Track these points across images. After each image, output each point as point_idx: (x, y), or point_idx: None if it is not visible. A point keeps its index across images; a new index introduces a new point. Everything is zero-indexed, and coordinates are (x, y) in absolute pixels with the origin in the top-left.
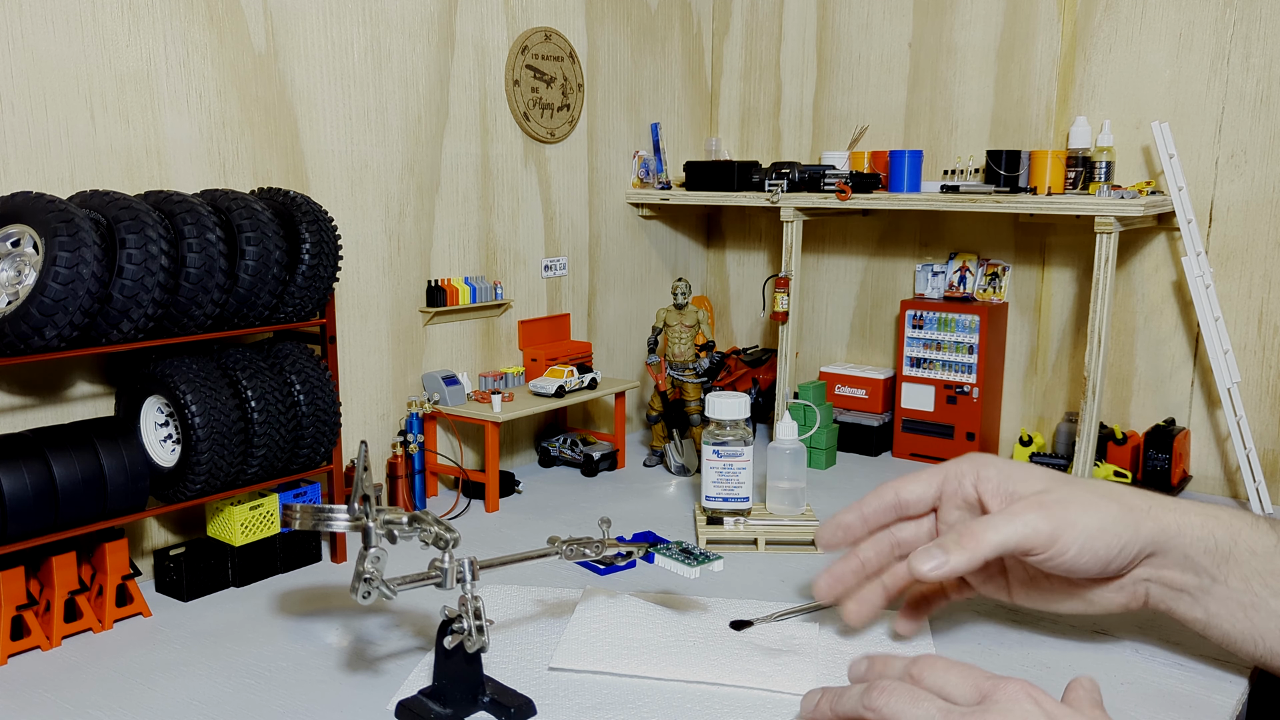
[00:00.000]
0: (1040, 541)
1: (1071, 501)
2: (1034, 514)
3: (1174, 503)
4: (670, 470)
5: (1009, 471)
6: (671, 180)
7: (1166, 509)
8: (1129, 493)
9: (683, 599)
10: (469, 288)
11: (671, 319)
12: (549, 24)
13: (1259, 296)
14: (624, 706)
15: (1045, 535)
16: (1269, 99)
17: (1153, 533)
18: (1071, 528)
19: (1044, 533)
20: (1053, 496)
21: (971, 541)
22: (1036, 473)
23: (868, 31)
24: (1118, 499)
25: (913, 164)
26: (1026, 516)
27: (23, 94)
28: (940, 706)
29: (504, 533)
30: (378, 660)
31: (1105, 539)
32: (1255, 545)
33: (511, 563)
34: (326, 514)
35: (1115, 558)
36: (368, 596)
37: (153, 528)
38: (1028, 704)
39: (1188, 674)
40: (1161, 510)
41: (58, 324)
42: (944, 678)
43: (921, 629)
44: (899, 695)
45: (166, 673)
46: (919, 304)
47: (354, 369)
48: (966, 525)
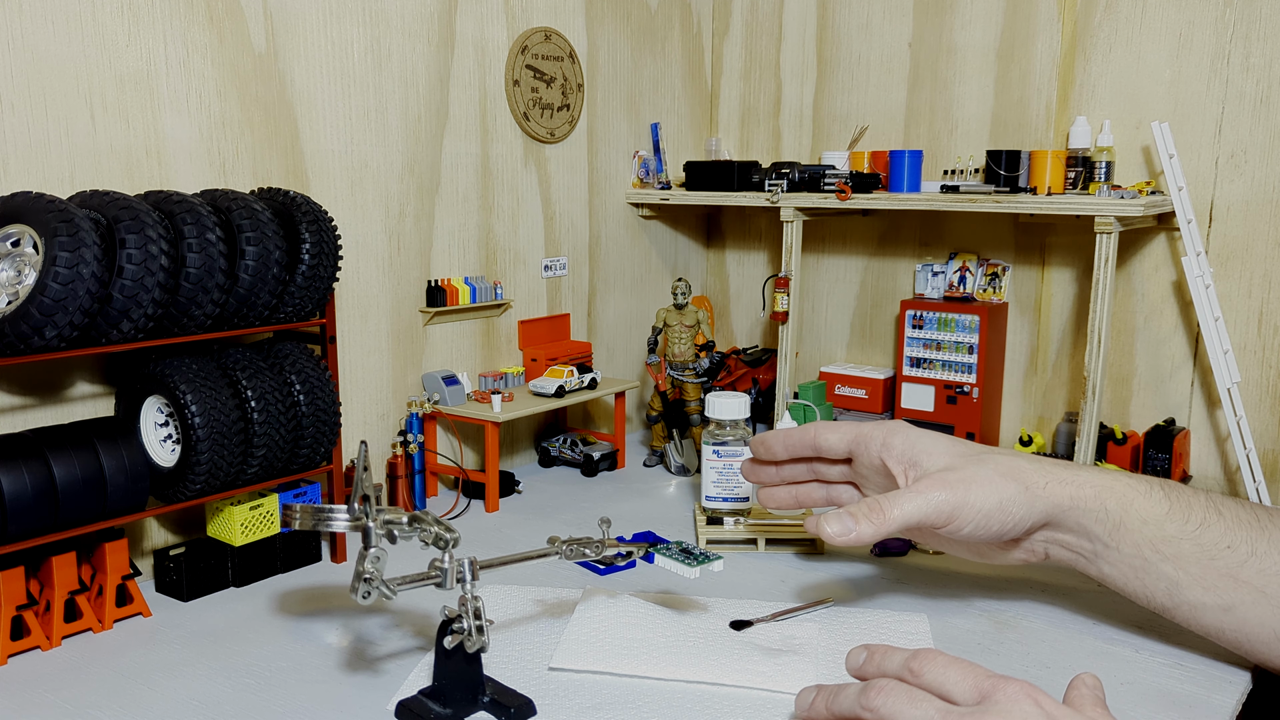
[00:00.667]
0: (940, 519)
1: (973, 481)
2: (937, 492)
3: (1071, 475)
4: (670, 470)
5: (914, 442)
6: (671, 180)
7: (1062, 483)
8: (1029, 470)
9: (683, 599)
10: (469, 288)
11: (671, 319)
12: (549, 24)
13: (1259, 296)
14: (624, 706)
15: (945, 514)
16: (1269, 99)
17: (1046, 507)
18: (969, 508)
19: (944, 511)
20: (956, 475)
21: (879, 516)
22: (941, 446)
23: (868, 31)
24: (1017, 477)
25: (913, 164)
26: (930, 494)
27: (23, 94)
28: (939, 707)
29: (504, 533)
30: (378, 660)
31: (999, 517)
32: (1147, 514)
33: (511, 563)
34: (326, 514)
35: (1009, 530)
36: (368, 596)
37: (153, 528)
38: (1028, 705)
39: (1188, 673)
40: (1057, 485)
41: (58, 324)
42: (943, 675)
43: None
44: (897, 695)
45: (166, 673)
46: (919, 304)
47: (354, 369)
48: (876, 499)
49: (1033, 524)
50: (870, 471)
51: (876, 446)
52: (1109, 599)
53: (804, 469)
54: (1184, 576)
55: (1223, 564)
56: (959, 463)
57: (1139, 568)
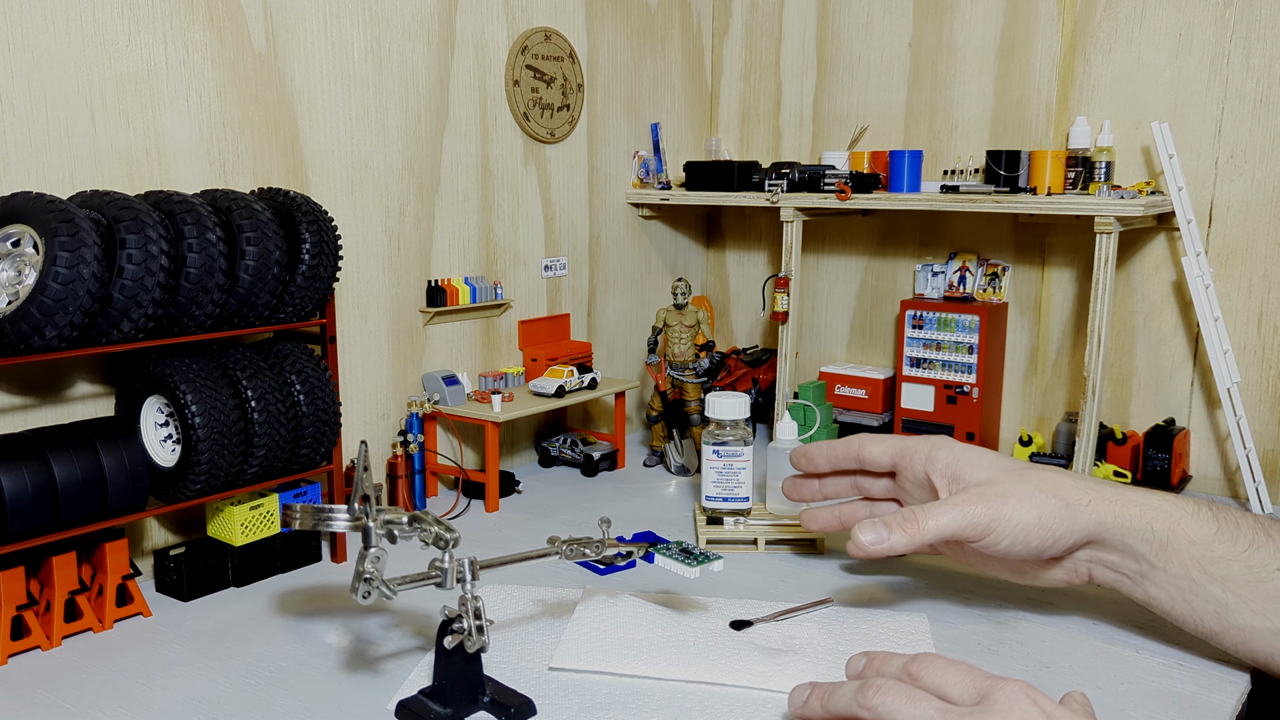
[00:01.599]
0: (976, 532)
1: (1012, 495)
2: (974, 505)
3: (1116, 494)
4: (670, 470)
5: (959, 455)
6: (671, 180)
7: (1107, 501)
8: (1072, 486)
9: (683, 599)
10: (469, 288)
11: (671, 319)
12: (549, 24)
13: (1259, 296)
14: (624, 706)
15: (981, 527)
16: (1269, 99)
17: (1089, 525)
18: (1006, 521)
19: (980, 524)
20: (995, 490)
21: (913, 526)
22: (986, 460)
23: (868, 31)
24: (1058, 493)
25: (913, 164)
26: (966, 508)
27: (23, 94)
28: (938, 706)
29: (504, 533)
30: (378, 660)
31: (1039, 532)
32: (1194, 534)
33: (511, 563)
34: (326, 514)
35: (1049, 547)
36: (368, 596)
37: (153, 528)
38: (1026, 705)
39: (1188, 673)
40: (1101, 504)
41: (58, 324)
42: (942, 676)
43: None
44: (895, 694)
45: (166, 673)
46: (919, 304)
47: (354, 369)
48: (911, 509)
49: (1074, 542)
50: (914, 486)
51: (921, 460)
52: (1108, 599)
53: (847, 484)
54: (1233, 599)
55: (1273, 586)
56: (1000, 477)
57: (1186, 590)
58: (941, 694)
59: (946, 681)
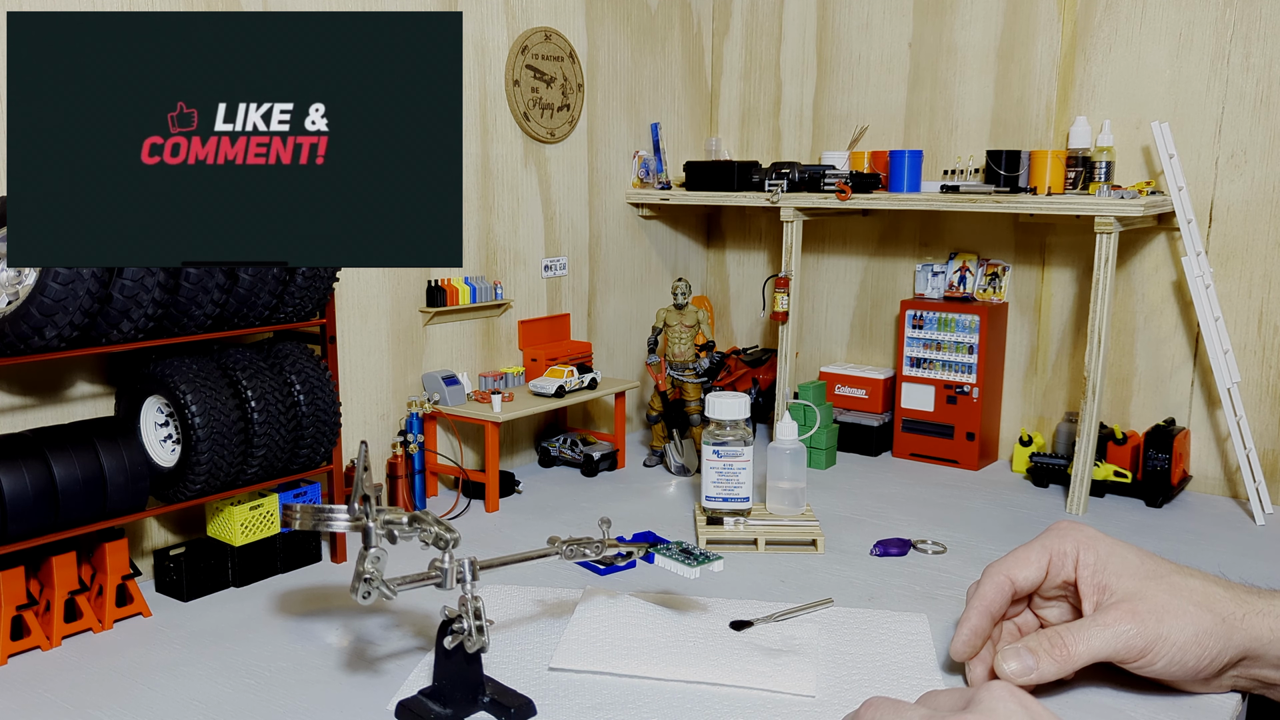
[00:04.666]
0: (1131, 655)
1: (1166, 612)
2: (1127, 625)
3: (1267, 604)
4: (670, 470)
5: (1104, 560)
6: (671, 180)
7: (1261, 615)
8: (1225, 598)
9: (683, 599)
10: (469, 288)
11: (671, 319)
12: (549, 24)
13: (1259, 296)
14: (624, 706)
15: (1137, 649)
16: (1269, 99)
17: (1244, 642)
18: (1163, 641)
19: (1136, 647)
20: (1146, 605)
21: (1062, 652)
22: (1132, 563)
23: (868, 31)
24: (1212, 608)
25: (913, 164)
26: (1119, 628)
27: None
28: (924, 714)
29: (504, 533)
30: (378, 660)
31: (1196, 651)
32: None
33: (511, 563)
34: (326, 514)
35: (1205, 668)
36: (368, 596)
37: (153, 528)
38: (1011, 704)
39: None
40: (1256, 618)
41: (58, 324)
42: (932, 698)
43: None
44: (884, 709)
45: (166, 673)
46: (919, 304)
47: (354, 369)
48: (1058, 632)
49: (1229, 660)
50: (1053, 588)
51: (1071, 565)
52: None
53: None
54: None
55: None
56: (1148, 588)
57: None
58: (930, 706)
59: (936, 698)
